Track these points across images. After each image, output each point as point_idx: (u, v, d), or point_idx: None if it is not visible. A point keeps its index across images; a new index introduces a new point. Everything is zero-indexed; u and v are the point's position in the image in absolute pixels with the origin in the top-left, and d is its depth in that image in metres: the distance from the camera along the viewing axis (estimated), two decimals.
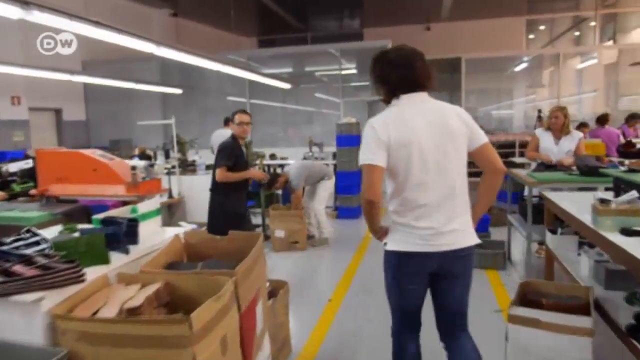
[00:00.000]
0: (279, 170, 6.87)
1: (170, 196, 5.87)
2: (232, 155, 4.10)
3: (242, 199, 4.34)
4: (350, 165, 7.38)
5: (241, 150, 4.22)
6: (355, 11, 14.57)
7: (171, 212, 6.00)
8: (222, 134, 7.48)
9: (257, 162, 6.22)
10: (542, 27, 16.17)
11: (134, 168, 5.03)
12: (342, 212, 7.59)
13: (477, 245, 2.15)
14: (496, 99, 13.29)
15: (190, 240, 2.47)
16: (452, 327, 2.24)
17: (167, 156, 7.17)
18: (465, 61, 11.08)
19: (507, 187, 8.34)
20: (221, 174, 4.06)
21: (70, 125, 11.13)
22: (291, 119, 12.17)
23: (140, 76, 11.26)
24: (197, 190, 5.95)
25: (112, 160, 4.92)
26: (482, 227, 5.59)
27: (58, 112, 10.99)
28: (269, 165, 8.58)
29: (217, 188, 4.17)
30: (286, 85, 8.96)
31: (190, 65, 9.84)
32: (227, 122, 7.72)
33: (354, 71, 11.58)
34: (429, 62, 2.13)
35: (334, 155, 8.17)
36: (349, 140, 7.60)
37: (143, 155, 6.85)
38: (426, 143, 2.00)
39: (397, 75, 2.08)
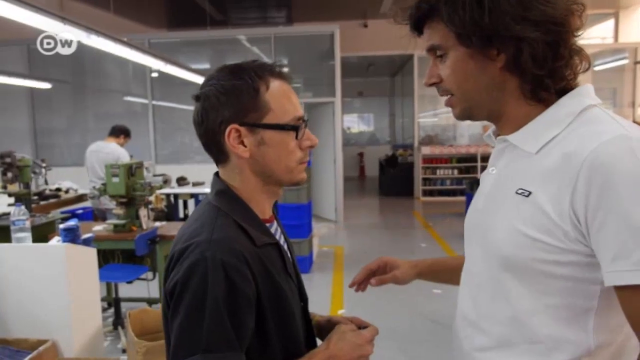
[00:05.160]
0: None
1: None
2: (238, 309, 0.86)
3: None
4: (297, 196, 5.28)
5: (277, 260, 0.98)
6: (283, 2, 12.50)
7: None
8: (105, 150, 5.10)
9: (151, 197, 3.81)
10: None
11: None
12: None
13: None
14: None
15: None
16: None
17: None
18: (419, 59, 9.36)
19: None
20: None
21: None
22: None
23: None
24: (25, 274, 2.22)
25: None
26: None
27: None
28: (170, 196, 6.23)
29: None
30: (202, 80, 6.74)
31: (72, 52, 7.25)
32: (117, 132, 5.30)
33: (284, 68, 9.45)
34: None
35: None
36: None
37: None
38: None
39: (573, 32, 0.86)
